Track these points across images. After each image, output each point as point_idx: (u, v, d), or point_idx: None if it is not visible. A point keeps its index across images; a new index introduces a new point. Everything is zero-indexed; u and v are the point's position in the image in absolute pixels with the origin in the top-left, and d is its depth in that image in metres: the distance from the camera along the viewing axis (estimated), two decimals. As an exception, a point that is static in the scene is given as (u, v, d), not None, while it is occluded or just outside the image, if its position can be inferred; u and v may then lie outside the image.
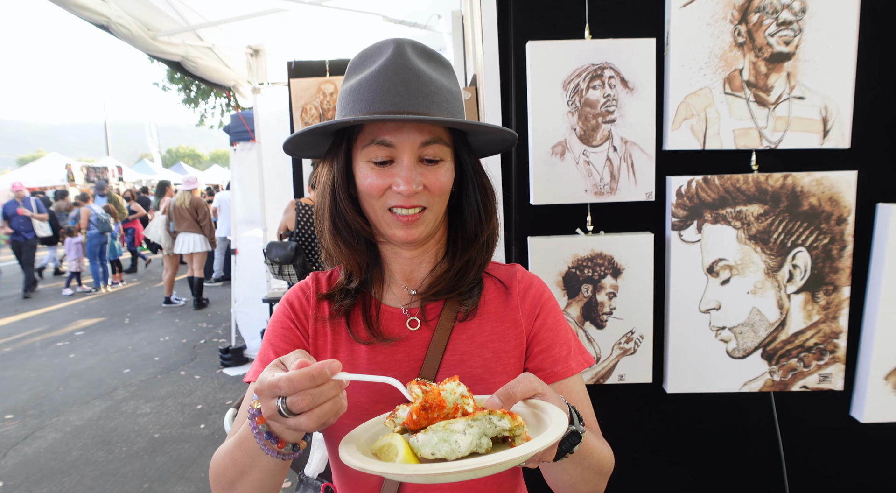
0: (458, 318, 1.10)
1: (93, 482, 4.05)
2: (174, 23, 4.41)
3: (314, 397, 0.72)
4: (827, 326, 1.53)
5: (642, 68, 1.51)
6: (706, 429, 1.68)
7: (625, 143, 1.53)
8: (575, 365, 1.09)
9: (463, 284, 1.10)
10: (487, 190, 1.12)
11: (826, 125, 1.49)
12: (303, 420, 0.73)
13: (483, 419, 0.75)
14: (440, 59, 1.06)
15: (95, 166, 20.59)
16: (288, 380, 0.72)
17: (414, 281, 1.15)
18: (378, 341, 1.08)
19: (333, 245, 1.10)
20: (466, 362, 1.07)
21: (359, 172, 1.03)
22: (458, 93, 1.07)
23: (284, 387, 0.72)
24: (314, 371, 0.72)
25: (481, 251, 1.13)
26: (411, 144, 0.99)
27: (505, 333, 1.10)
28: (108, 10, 3.33)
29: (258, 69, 5.26)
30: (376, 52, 1.03)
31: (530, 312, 1.13)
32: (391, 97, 0.97)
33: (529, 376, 0.84)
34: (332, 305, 1.13)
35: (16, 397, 5.82)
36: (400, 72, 0.97)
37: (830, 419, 1.62)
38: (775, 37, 1.47)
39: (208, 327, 8.32)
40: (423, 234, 1.05)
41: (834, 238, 1.50)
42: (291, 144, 1.07)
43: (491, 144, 1.16)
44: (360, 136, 1.03)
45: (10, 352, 7.45)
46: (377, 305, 1.13)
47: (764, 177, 1.49)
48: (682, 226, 1.53)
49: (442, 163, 1.03)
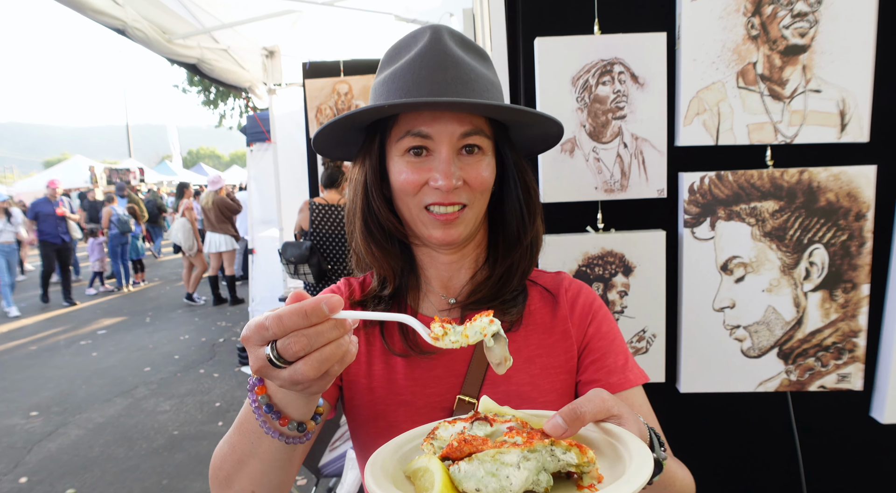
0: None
1: (113, 479, 4.12)
2: (189, 25, 4.46)
3: (309, 339, 0.61)
4: (845, 324, 1.49)
5: (653, 63, 1.48)
6: (721, 430, 1.65)
7: (635, 139, 1.51)
8: (633, 376, 1.00)
9: (506, 291, 1.02)
10: (531, 189, 1.04)
11: (844, 119, 1.45)
12: (299, 368, 0.62)
13: (543, 451, 0.62)
14: (479, 49, 1.00)
15: (118, 168, 20.98)
16: (276, 318, 0.61)
17: (452, 289, 1.07)
18: (415, 354, 1.00)
19: (365, 248, 1.02)
20: (512, 378, 0.98)
21: (393, 168, 0.96)
22: (499, 84, 1.00)
23: (273, 326, 0.61)
24: (307, 307, 0.61)
25: (524, 256, 1.04)
26: (450, 135, 0.91)
27: (553, 346, 1.02)
28: (124, 14, 3.38)
29: (273, 70, 5.30)
30: (411, 40, 0.96)
31: (581, 321, 1.04)
32: (427, 85, 0.90)
33: (602, 393, 0.71)
34: None
35: (41, 394, 5.95)
36: (437, 59, 0.90)
37: (849, 420, 1.58)
38: (790, 29, 1.43)
39: (227, 326, 8.42)
40: (463, 235, 0.97)
41: (852, 234, 1.46)
42: (321, 139, 1.00)
43: (533, 140, 1.08)
44: (394, 128, 0.95)
45: (35, 350, 7.62)
46: (414, 314, 1.04)
47: (779, 172, 1.46)
48: (695, 223, 1.50)
49: (483, 156, 0.95)
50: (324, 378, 0.65)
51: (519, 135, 1.04)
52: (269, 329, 0.61)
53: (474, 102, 0.86)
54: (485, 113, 0.94)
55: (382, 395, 1.00)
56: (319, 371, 0.62)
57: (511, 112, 0.93)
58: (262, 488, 0.83)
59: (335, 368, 0.64)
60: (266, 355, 0.63)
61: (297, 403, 0.73)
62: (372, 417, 1.00)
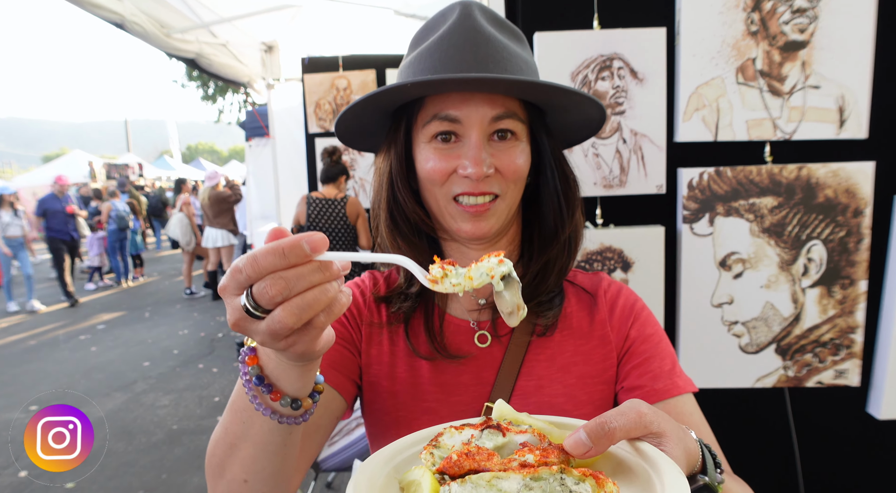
0: (535, 332, 0.93)
1: (113, 473, 4.13)
2: (188, 20, 4.44)
3: (288, 281, 0.53)
4: (843, 320, 1.50)
5: (652, 59, 1.48)
6: (718, 425, 1.64)
7: (634, 135, 1.51)
8: (682, 383, 0.90)
9: (542, 291, 0.94)
10: (570, 179, 0.95)
11: (842, 115, 1.45)
12: (277, 315, 0.54)
13: (551, 479, 0.51)
14: (513, 27, 0.92)
15: (116, 163, 20.93)
16: (251, 258, 0.54)
17: (483, 288, 0.97)
18: (442, 358, 0.92)
19: (391, 242, 0.95)
20: (545, 388, 0.90)
21: (419, 155, 0.89)
22: (535, 65, 0.91)
23: (247, 268, 0.53)
24: (285, 245, 0.53)
25: (562, 252, 0.95)
26: (480, 119, 0.84)
27: (591, 353, 0.94)
28: (122, 8, 3.37)
29: (272, 65, 5.28)
30: (440, 18, 0.89)
31: (621, 324, 0.96)
32: (456, 64, 0.82)
33: (640, 405, 0.60)
34: (389, 309, 0.98)
35: (39, 388, 5.95)
36: (467, 36, 0.83)
37: (846, 415, 1.59)
38: (790, 24, 1.43)
39: (226, 321, 8.42)
40: (494, 228, 0.89)
41: (850, 231, 1.47)
42: (343, 126, 0.93)
43: (571, 127, 0.98)
44: (420, 113, 0.88)
45: (34, 345, 7.62)
46: (441, 314, 0.97)
47: (778, 168, 1.46)
48: (694, 219, 1.51)
49: (517, 141, 0.87)
50: (308, 331, 0.57)
51: (556, 121, 0.96)
52: (243, 272, 0.54)
53: (507, 79, 0.78)
54: (519, 94, 0.87)
55: (405, 400, 0.93)
56: (300, 319, 0.54)
57: (549, 92, 0.85)
58: (255, 476, 0.74)
59: (321, 318, 0.56)
60: (242, 305, 0.55)
61: (291, 374, 0.65)
62: (393, 423, 0.94)
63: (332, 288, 0.56)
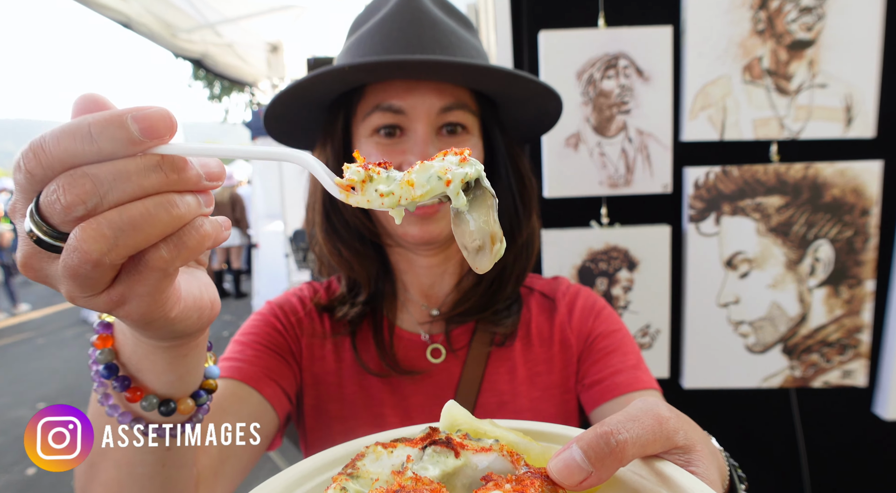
0: (494, 341, 0.87)
1: (120, 471, 4.15)
2: (193, 20, 4.46)
3: (96, 182, 0.32)
4: (850, 320, 1.49)
5: (658, 57, 1.48)
6: (724, 426, 1.64)
7: (640, 134, 1.51)
8: (646, 378, 0.83)
9: (498, 300, 0.88)
10: (524, 177, 0.89)
11: (849, 114, 1.44)
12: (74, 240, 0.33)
13: None
14: (462, 15, 0.85)
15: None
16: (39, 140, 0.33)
17: (434, 298, 0.91)
18: (395, 374, 0.84)
19: (330, 249, 0.86)
20: (508, 404, 0.84)
21: (360, 150, 0.77)
22: (485, 52, 0.84)
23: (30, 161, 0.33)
24: (93, 121, 0.32)
25: (519, 257, 0.89)
26: (427, 110, 0.76)
27: (553, 359, 0.88)
28: (129, 9, 3.38)
29: (277, 65, 5.30)
30: (382, 1, 0.80)
31: (581, 323, 0.90)
32: (399, 47, 0.74)
33: (659, 407, 0.43)
34: (333, 318, 0.89)
35: (47, 386, 5.99)
36: (412, 18, 0.76)
37: (853, 415, 1.58)
38: (796, 23, 1.43)
39: (231, 320, 8.45)
40: (445, 231, 0.82)
41: (857, 230, 1.46)
42: (273, 120, 0.82)
43: (527, 122, 0.91)
44: (360, 104, 0.79)
45: (43, 343, 7.67)
46: (390, 327, 0.89)
47: (784, 167, 1.45)
48: (700, 218, 1.50)
49: (468, 136, 0.80)
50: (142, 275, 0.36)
51: (510, 115, 0.89)
52: (23, 168, 0.33)
53: (457, 63, 0.70)
54: (471, 83, 0.79)
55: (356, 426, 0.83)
56: (114, 247, 0.33)
57: (502, 80, 0.77)
58: None
59: (161, 251, 0.35)
60: (26, 221, 0.34)
61: (155, 360, 0.46)
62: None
63: (184, 203, 0.35)
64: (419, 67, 0.71)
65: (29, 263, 0.36)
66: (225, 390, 0.76)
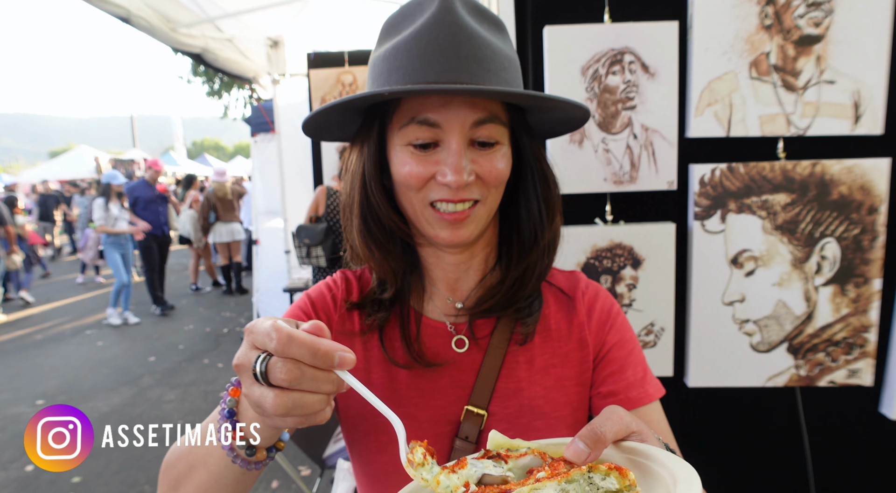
0: (515, 339, 0.93)
1: (119, 467, 4.14)
2: (193, 15, 4.43)
3: (303, 375, 0.55)
4: (856, 319, 1.48)
5: (664, 53, 1.46)
6: (729, 425, 1.63)
7: (645, 130, 1.49)
8: (653, 390, 0.93)
9: (520, 297, 0.93)
10: (549, 181, 0.92)
11: (858, 110, 1.42)
12: (269, 397, 0.56)
13: (581, 479, 0.55)
14: (494, 17, 0.86)
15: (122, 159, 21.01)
16: (287, 335, 0.54)
17: (460, 292, 0.97)
18: (420, 366, 0.91)
19: (363, 247, 0.91)
20: (524, 391, 0.90)
21: (395, 158, 0.85)
22: (516, 59, 0.88)
23: (278, 341, 0.54)
24: (322, 347, 0.55)
25: (541, 257, 0.93)
26: (461, 124, 0.80)
27: (569, 355, 0.94)
28: (128, 3, 3.36)
29: (277, 60, 5.27)
30: (417, 7, 0.82)
31: (599, 329, 0.96)
32: (437, 64, 0.77)
33: (618, 409, 0.65)
34: (363, 318, 0.96)
35: (46, 383, 5.98)
36: (448, 32, 0.78)
37: (858, 415, 1.57)
38: (804, 18, 1.41)
39: (231, 316, 8.44)
40: (473, 234, 0.86)
41: (865, 228, 1.44)
42: (312, 123, 0.89)
43: (553, 123, 0.96)
44: (396, 114, 0.84)
45: (41, 340, 7.66)
46: (417, 318, 0.95)
47: (791, 165, 1.44)
48: (706, 216, 1.49)
49: (499, 147, 0.84)
50: (285, 420, 0.58)
51: (537, 118, 0.93)
52: (273, 341, 0.55)
53: (490, 91, 0.75)
54: (504, 99, 0.84)
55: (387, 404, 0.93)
56: (287, 413, 0.56)
57: (533, 98, 0.82)
58: None
59: (301, 419, 0.58)
60: (252, 363, 0.57)
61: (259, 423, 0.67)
62: (371, 429, 0.92)
63: (326, 402, 0.59)
64: (459, 92, 0.77)
65: (240, 367, 0.59)
66: None
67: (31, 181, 17.48)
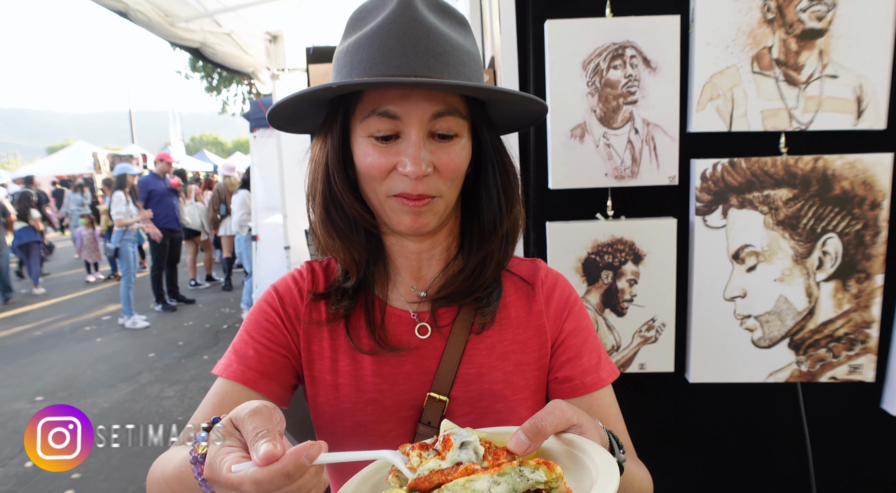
0: (473, 330, 0.97)
1: (119, 463, 4.15)
2: (192, 9, 4.41)
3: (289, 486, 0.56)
4: (858, 315, 1.47)
5: (666, 47, 1.45)
6: (730, 421, 1.63)
7: (647, 125, 1.48)
8: (606, 375, 0.98)
9: (479, 286, 0.96)
10: (509, 173, 0.96)
11: (860, 105, 1.42)
12: None
13: (512, 473, 0.61)
14: (456, 13, 0.90)
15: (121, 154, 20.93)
16: (254, 483, 0.55)
17: (423, 280, 1.01)
18: (384, 351, 0.95)
19: (326, 237, 0.95)
20: (485, 376, 0.94)
21: (357, 149, 0.88)
22: (477, 55, 0.91)
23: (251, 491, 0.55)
24: (289, 467, 0.55)
25: (500, 246, 0.97)
26: (420, 116, 0.83)
27: (528, 342, 0.98)
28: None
29: (277, 55, 5.24)
30: (380, 3, 0.85)
31: (557, 316, 1.00)
32: (396, 58, 0.81)
33: (560, 403, 0.70)
34: (328, 307, 0.98)
35: (45, 379, 5.98)
36: (407, 27, 0.81)
37: (860, 411, 1.56)
38: (807, 12, 1.40)
39: (231, 313, 8.44)
40: (433, 223, 0.90)
41: (867, 224, 1.44)
42: (277, 115, 0.92)
43: (515, 117, 0.99)
44: (358, 106, 0.87)
45: (40, 336, 7.65)
46: (382, 306, 0.98)
47: (793, 160, 1.43)
48: (707, 211, 1.48)
49: (457, 139, 0.87)
50: None
51: (499, 112, 0.96)
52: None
53: (446, 84, 0.78)
54: (459, 92, 0.87)
55: (349, 393, 0.95)
56: None
57: (488, 92, 0.85)
58: None
59: None
60: None
61: None
62: (338, 416, 0.95)
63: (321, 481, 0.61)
64: (413, 84, 0.80)
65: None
66: (229, 392, 0.91)
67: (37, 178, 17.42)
